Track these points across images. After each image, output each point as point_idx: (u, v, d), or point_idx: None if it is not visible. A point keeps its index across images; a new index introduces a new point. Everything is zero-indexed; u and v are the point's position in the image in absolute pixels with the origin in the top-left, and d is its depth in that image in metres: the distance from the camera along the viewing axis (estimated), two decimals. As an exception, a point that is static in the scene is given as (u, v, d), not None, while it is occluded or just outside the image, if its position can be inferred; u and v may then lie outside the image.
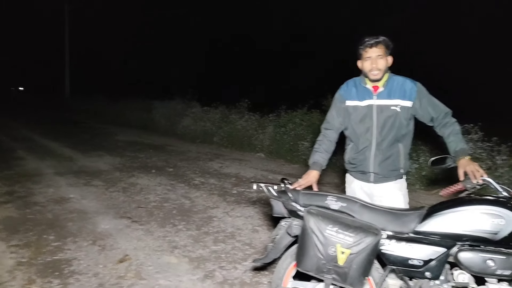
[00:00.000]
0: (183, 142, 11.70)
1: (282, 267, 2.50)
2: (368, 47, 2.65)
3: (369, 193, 2.83)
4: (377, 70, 2.64)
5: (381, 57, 2.65)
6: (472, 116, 6.82)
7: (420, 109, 2.69)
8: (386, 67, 2.70)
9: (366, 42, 2.65)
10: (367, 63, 2.68)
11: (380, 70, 2.64)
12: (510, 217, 2.07)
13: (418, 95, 2.68)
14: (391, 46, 2.71)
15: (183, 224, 4.69)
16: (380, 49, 2.64)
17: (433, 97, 2.73)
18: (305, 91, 11.84)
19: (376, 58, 2.64)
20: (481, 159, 6.13)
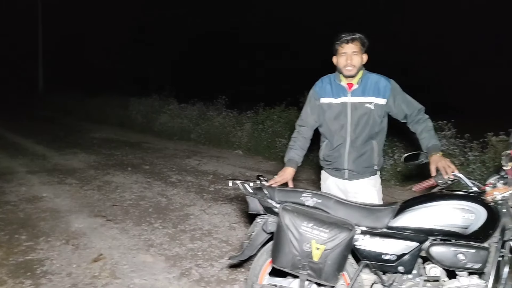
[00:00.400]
0: (160, 139, 11.57)
1: (258, 264, 2.50)
2: (344, 43, 2.67)
3: (344, 189, 2.85)
4: (351, 66, 2.66)
5: (356, 54, 2.66)
6: (446, 113, 6.99)
7: (394, 106, 2.72)
8: (361, 65, 2.72)
9: (342, 38, 2.67)
10: (342, 58, 2.69)
11: (354, 66, 2.66)
12: (480, 211, 2.12)
13: (392, 92, 2.71)
14: (367, 44, 2.73)
15: (160, 222, 4.64)
16: (356, 46, 2.66)
17: (406, 94, 2.76)
18: (283, 88, 11.88)
19: (351, 54, 2.66)
20: (454, 155, 6.27)
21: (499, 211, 2.15)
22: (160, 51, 23.51)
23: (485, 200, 2.16)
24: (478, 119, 9.29)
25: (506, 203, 2.15)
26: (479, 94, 15.58)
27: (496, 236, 2.14)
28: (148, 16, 24.40)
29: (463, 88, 16.64)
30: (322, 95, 2.81)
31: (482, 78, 16.64)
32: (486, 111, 13.17)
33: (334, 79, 2.80)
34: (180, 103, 12.91)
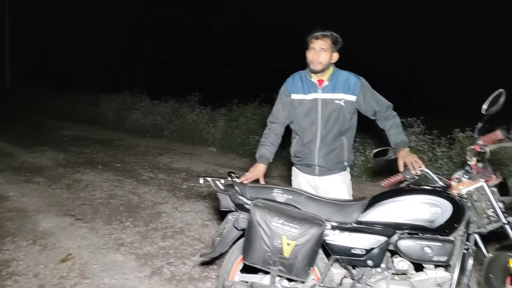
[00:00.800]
0: (132, 136, 11.39)
1: (229, 261, 2.49)
2: (314, 38, 2.70)
3: (314, 185, 2.87)
4: (317, 62, 2.69)
5: (324, 50, 2.69)
6: (415, 110, 7.14)
7: (363, 103, 2.76)
8: (329, 62, 2.74)
9: (313, 33, 2.70)
10: (310, 53, 2.72)
11: (320, 63, 2.69)
12: (445, 205, 2.17)
13: (362, 89, 2.75)
14: (340, 43, 2.75)
15: (131, 221, 4.57)
16: (325, 43, 2.69)
17: (375, 91, 2.81)
18: (257, 85, 11.88)
19: (319, 50, 2.68)
20: (422, 151, 6.41)
21: (464, 205, 2.20)
22: (132, 48, 23.15)
23: (450, 195, 2.21)
24: (450, 116, 9.51)
25: (470, 197, 2.21)
26: (448, 91, 15.99)
27: (461, 229, 2.19)
28: (123, 15, 23.94)
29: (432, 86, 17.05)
30: (293, 92, 2.82)
31: (459, 77, 17.07)
32: (459, 108, 13.53)
33: (305, 76, 2.82)
34: (153, 100, 12.74)
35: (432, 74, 18.08)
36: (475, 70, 16.68)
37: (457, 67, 17.94)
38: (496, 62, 16.47)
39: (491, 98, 2.15)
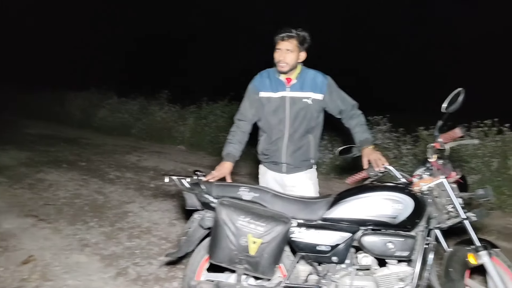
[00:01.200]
0: (99, 134, 11.13)
1: (195, 260, 2.47)
2: (280, 39, 2.69)
3: (282, 183, 2.89)
4: (283, 63, 2.69)
5: (290, 52, 2.68)
6: (381, 108, 7.28)
7: (330, 102, 2.79)
8: (296, 62, 2.74)
9: (279, 34, 2.69)
10: (277, 54, 2.72)
11: (287, 64, 2.69)
12: (407, 201, 2.22)
13: (328, 88, 2.77)
14: (308, 42, 2.75)
15: (96, 221, 4.46)
16: (291, 44, 2.68)
17: (341, 90, 2.84)
18: (226, 83, 11.83)
19: (285, 51, 2.68)
20: (388, 149, 6.56)
21: (425, 201, 2.26)
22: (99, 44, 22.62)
23: (412, 191, 2.27)
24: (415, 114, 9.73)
25: (431, 193, 2.26)
26: (413, 90, 16.37)
27: (422, 224, 2.25)
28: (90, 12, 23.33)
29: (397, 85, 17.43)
30: (261, 89, 2.82)
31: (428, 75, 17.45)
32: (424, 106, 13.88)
33: (273, 74, 2.82)
34: (120, 97, 12.50)
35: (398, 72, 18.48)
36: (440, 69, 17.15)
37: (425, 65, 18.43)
38: (464, 60, 17.05)
39: (451, 97, 2.21)
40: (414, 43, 19.80)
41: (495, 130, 5.50)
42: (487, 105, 8.79)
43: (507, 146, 5.31)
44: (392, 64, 18.73)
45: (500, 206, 5.08)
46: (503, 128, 5.40)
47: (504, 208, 5.03)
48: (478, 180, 5.33)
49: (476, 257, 2.11)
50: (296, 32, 2.69)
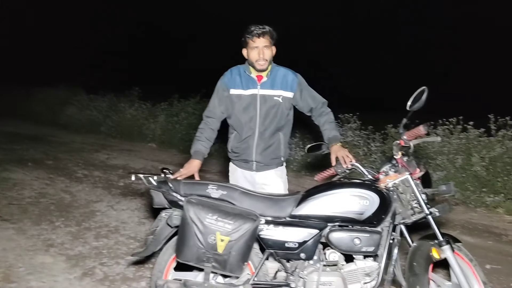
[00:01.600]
0: (67, 132, 10.87)
1: (163, 259, 2.44)
2: (256, 36, 2.65)
3: (252, 181, 2.88)
4: (263, 61, 2.67)
5: (267, 48, 2.68)
6: (352, 107, 7.39)
7: (300, 100, 2.80)
8: (272, 58, 2.74)
9: (253, 32, 2.65)
10: (254, 52, 2.68)
11: (266, 60, 2.68)
12: (373, 198, 2.25)
13: (299, 86, 2.78)
14: (276, 37, 2.75)
15: (62, 221, 4.35)
16: (267, 40, 2.67)
17: (311, 88, 2.86)
18: (198, 79, 11.74)
19: (263, 48, 2.66)
20: (358, 146, 6.67)
21: (391, 197, 2.29)
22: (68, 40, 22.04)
23: (378, 187, 2.30)
24: (384, 112, 9.91)
25: (396, 189, 2.30)
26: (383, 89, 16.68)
27: (387, 220, 2.28)
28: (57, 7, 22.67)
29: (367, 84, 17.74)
30: (231, 87, 2.79)
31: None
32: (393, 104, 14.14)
33: (244, 71, 2.79)
34: (89, 94, 12.23)
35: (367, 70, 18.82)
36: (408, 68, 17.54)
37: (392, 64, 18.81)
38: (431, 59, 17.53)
39: (415, 95, 2.26)
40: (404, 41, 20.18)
41: (459, 128, 5.66)
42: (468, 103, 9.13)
43: (471, 144, 5.48)
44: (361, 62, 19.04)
45: (464, 202, 5.24)
46: (468, 126, 5.56)
47: (468, 204, 5.19)
48: (443, 176, 5.48)
49: (439, 252, 2.15)
50: (268, 28, 2.68)
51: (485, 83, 15.56)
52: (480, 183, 5.25)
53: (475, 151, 5.34)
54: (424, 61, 18.31)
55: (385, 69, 18.61)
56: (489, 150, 5.23)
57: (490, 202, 5.07)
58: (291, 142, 7.17)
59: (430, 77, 12.95)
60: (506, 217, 4.83)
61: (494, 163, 5.14)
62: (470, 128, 5.54)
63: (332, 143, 2.68)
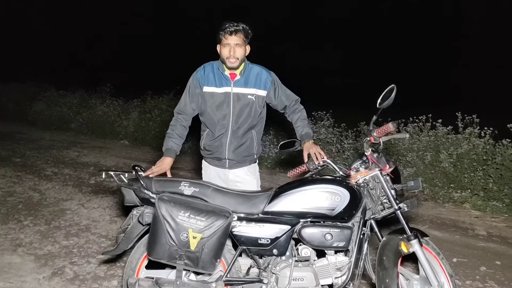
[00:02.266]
0: (35, 129, 10.58)
1: (134, 258, 2.41)
2: (228, 34, 2.63)
3: (224, 178, 2.87)
4: (234, 59, 2.65)
5: (239, 46, 2.65)
6: (324, 104, 7.48)
7: (274, 98, 2.81)
8: (244, 56, 2.73)
9: (226, 29, 2.63)
10: (225, 49, 2.66)
11: (237, 59, 2.66)
12: (344, 194, 2.28)
13: (273, 84, 2.79)
14: (250, 35, 2.73)
15: (30, 219, 4.24)
16: (239, 38, 2.65)
17: (284, 86, 2.87)
18: (173, 76, 11.62)
19: (235, 46, 2.64)
20: (331, 143, 6.75)
21: (361, 193, 2.33)
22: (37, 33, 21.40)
23: (349, 183, 2.33)
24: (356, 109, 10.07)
25: (367, 185, 2.34)
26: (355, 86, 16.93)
27: (358, 215, 2.32)
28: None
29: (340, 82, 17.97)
30: (204, 84, 2.76)
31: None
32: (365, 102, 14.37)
33: (218, 68, 2.77)
34: (59, 90, 11.93)
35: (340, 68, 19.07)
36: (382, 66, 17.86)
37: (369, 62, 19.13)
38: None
39: (384, 93, 2.30)
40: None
41: (429, 126, 5.80)
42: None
43: (440, 141, 5.63)
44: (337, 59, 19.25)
45: (432, 197, 5.39)
46: (436, 124, 5.71)
47: (437, 199, 5.34)
48: (413, 173, 5.62)
49: (407, 246, 2.20)
50: (241, 25, 2.66)
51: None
52: (448, 179, 5.41)
53: (443, 148, 5.50)
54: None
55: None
56: (457, 147, 5.38)
57: (457, 197, 5.22)
58: (265, 140, 7.21)
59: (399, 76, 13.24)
60: (473, 212, 4.98)
61: (461, 160, 5.30)
62: (438, 125, 5.68)
63: (305, 140, 2.70)
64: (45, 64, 17.73)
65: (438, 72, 17.32)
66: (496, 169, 5.04)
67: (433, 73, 17.33)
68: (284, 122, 3.08)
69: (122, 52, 21.02)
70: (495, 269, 3.46)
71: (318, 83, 16.35)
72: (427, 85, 16.10)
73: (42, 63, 17.90)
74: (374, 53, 19.63)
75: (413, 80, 15.69)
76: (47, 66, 16.92)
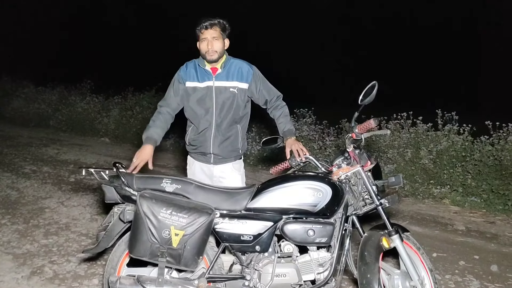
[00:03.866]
0: (13, 126, 10.34)
1: (115, 256, 2.38)
2: (204, 28, 2.68)
3: (209, 174, 2.87)
4: (213, 52, 2.68)
5: (216, 39, 2.69)
6: (307, 101, 7.50)
7: (255, 91, 2.82)
8: (223, 49, 2.75)
9: (202, 24, 2.68)
10: (203, 44, 2.71)
11: (216, 51, 2.69)
12: (326, 190, 2.29)
13: (254, 78, 2.80)
14: (229, 29, 2.77)
15: (8, 218, 4.15)
16: (215, 31, 2.69)
17: (267, 81, 2.88)
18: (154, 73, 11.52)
19: (212, 39, 2.68)
20: (313, 140, 6.78)
21: (343, 189, 2.35)
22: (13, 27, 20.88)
23: (331, 180, 2.35)
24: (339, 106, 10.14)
25: (348, 182, 2.36)
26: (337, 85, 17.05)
27: (340, 211, 2.34)
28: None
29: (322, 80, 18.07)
30: (187, 79, 2.78)
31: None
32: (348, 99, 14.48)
33: (199, 64, 2.79)
34: (37, 86, 11.70)
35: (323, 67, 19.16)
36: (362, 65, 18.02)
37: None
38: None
39: (366, 89, 2.32)
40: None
41: (409, 123, 5.88)
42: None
43: (420, 138, 5.71)
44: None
45: (413, 194, 5.46)
46: (417, 121, 5.79)
47: (417, 195, 5.42)
48: (394, 169, 5.69)
49: (388, 241, 2.23)
50: (217, 19, 2.70)
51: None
52: (428, 176, 5.49)
53: (423, 145, 5.58)
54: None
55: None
56: (436, 144, 5.47)
57: (437, 193, 5.31)
58: (248, 137, 7.19)
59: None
60: (452, 207, 5.08)
61: (441, 156, 5.39)
62: (419, 122, 5.77)
63: (287, 136, 2.71)
64: (23, 59, 17.33)
65: (428, 71, 17.58)
66: (474, 165, 5.14)
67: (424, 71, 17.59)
68: (267, 119, 3.08)
69: (104, 48, 20.69)
70: (474, 263, 3.54)
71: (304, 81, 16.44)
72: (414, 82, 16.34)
73: (20, 58, 17.49)
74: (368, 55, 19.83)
75: (401, 77, 15.94)
76: (25, 62, 16.53)
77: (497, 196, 4.90)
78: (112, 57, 19.49)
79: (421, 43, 19.58)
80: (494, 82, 14.74)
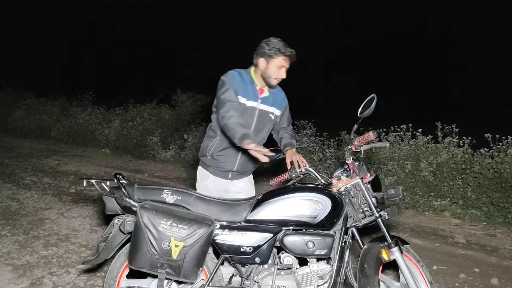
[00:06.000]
0: (14, 137, 10.39)
1: (115, 267, 2.38)
2: (288, 56, 2.58)
3: (225, 189, 2.82)
4: (279, 80, 2.66)
5: (286, 69, 2.64)
6: (307, 114, 7.54)
7: (281, 117, 2.87)
8: None
9: (286, 49, 2.57)
10: (276, 69, 2.59)
11: (281, 80, 2.68)
12: (326, 202, 2.30)
13: (285, 106, 2.88)
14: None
15: (8, 229, 4.15)
16: (289, 62, 2.63)
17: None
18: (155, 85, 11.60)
19: (284, 70, 2.63)
20: (313, 152, 6.79)
21: (343, 201, 2.36)
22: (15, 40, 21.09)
23: (331, 192, 2.36)
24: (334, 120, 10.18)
25: (348, 194, 2.37)
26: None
27: (340, 223, 2.34)
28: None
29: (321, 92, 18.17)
30: (240, 93, 2.62)
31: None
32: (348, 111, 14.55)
33: (249, 79, 2.68)
34: (39, 98, 11.76)
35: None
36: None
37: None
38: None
39: (365, 102, 2.34)
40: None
41: (409, 135, 5.90)
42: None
43: (420, 150, 5.72)
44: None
45: (413, 206, 5.46)
46: (417, 133, 5.81)
47: (417, 208, 5.41)
48: (394, 181, 5.69)
49: (388, 253, 2.23)
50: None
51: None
52: (428, 188, 5.49)
53: (424, 157, 5.59)
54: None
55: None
56: (436, 156, 5.48)
57: (437, 206, 5.30)
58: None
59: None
60: (452, 220, 5.07)
61: (441, 169, 5.39)
62: (419, 135, 5.78)
63: (287, 148, 2.73)
64: (24, 70, 17.46)
65: (429, 84, 17.70)
66: (474, 177, 5.14)
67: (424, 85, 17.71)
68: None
69: (105, 59, 20.86)
70: (474, 276, 3.52)
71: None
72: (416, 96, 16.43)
73: (22, 69, 17.62)
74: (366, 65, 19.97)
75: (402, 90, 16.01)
76: (27, 73, 16.65)
77: (497, 209, 4.90)
78: (114, 68, 19.63)
79: (420, 52, 19.72)
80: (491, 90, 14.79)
